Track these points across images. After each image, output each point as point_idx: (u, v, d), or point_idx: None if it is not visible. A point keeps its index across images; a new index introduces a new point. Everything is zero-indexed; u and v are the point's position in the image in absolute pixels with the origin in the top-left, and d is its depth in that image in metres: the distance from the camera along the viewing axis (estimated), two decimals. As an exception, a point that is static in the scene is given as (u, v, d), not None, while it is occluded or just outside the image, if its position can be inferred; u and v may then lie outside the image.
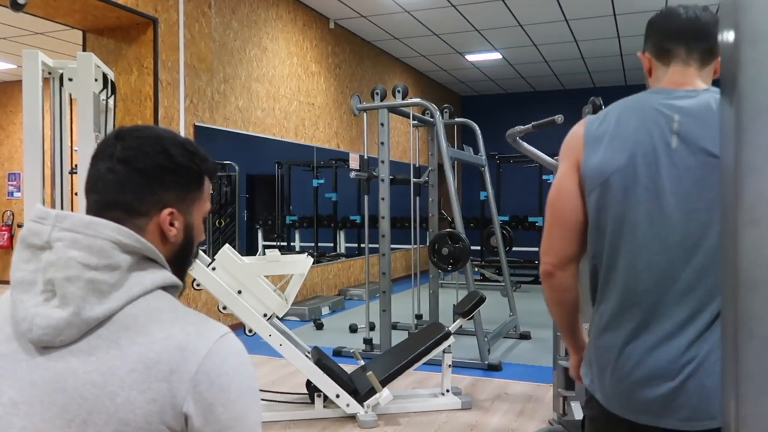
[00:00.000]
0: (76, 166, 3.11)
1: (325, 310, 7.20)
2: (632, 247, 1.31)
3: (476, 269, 9.22)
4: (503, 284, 6.56)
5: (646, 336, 1.28)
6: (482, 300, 3.93)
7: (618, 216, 1.32)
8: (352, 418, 3.67)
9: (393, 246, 5.19)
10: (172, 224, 0.95)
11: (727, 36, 0.67)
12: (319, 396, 3.69)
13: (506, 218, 9.67)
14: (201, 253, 3.79)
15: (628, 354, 1.29)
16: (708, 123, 1.28)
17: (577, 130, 1.42)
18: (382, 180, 5.05)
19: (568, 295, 1.44)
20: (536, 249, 10.01)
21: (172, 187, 0.95)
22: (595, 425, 1.39)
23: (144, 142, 0.94)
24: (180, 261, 1.00)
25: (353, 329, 6.21)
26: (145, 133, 0.96)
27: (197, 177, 0.98)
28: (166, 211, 0.94)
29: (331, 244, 8.87)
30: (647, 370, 1.27)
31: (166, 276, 0.94)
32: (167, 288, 0.94)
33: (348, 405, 3.62)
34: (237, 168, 6.80)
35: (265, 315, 3.54)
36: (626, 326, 1.31)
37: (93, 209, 0.93)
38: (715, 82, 1.05)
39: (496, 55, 10.11)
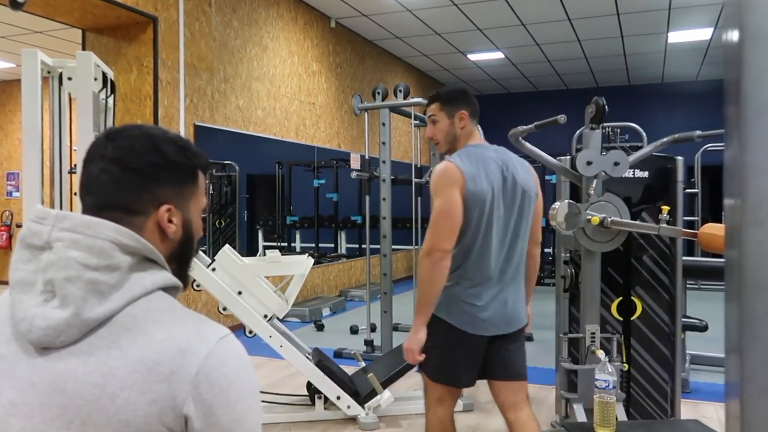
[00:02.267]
0: (75, 165, 3.11)
1: (325, 311, 7.20)
2: (490, 242, 2.22)
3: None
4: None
5: (490, 290, 2.25)
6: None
7: (487, 224, 2.21)
8: (353, 419, 3.66)
9: (394, 247, 5.19)
10: (170, 221, 0.95)
11: (731, 36, 0.66)
12: (319, 398, 3.69)
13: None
14: (201, 253, 3.78)
15: (486, 298, 2.24)
16: (508, 162, 2.28)
17: (454, 168, 2.19)
18: (384, 180, 5.05)
19: (446, 273, 2.19)
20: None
21: (167, 183, 0.94)
22: (454, 344, 2.26)
23: (135, 141, 0.94)
24: (181, 258, 0.99)
25: (354, 330, 6.21)
26: (135, 132, 0.95)
27: (191, 172, 0.98)
28: (164, 207, 0.94)
29: (332, 245, 8.87)
30: (495, 306, 2.25)
31: (167, 277, 0.93)
32: (167, 289, 0.93)
33: (349, 407, 3.62)
34: (237, 168, 6.80)
35: (265, 316, 3.53)
36: (483, 287, 2.24)
37: (90, 211, 0.92)
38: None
39: (499, 55, 10.10)
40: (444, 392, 2.35)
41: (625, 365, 3.01)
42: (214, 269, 3.48)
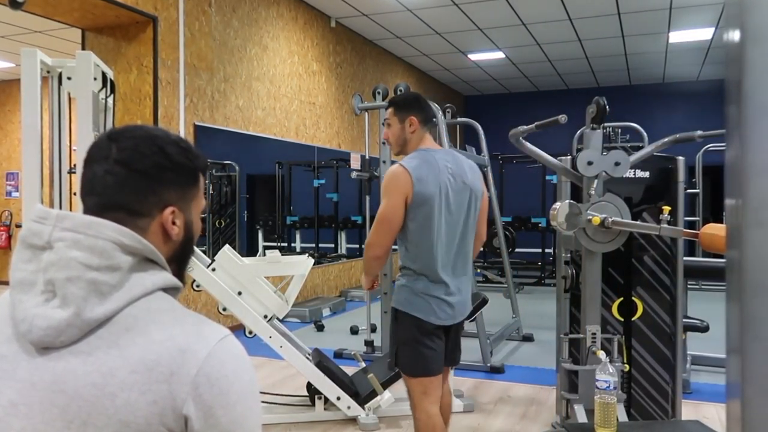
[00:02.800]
0: (74, 165, 3.11)
1: (325, 312, 7.19)
2: (443, 238, 2.43)
3: (478, 270, 9.21)
4: (506, 286, 6.55)
5: (449, 283, 2.45)
6: (485, 302, 3.92)
7: (436, 221, 2.41)
8: (353, 420, 3.66)
9: (394, 247, 5.17)
10: (174, 223, 0.95)
11: (732, 36, 0.66)
12: (319, 398, 3.68)
13: (509, 219, 9.66)
14: (201, 253, 3.78)
15: (446, 291, 2.45)
16: (457, 165, 2.50)
17: (403, 172, 2.38)
18: (384, 180, 5.04)
19: (384, 263, 2.58)
20: (539, 250, 10.00)
21: (172, 185, 0.95)
22: (415, 331, 2.45)
23: (139, 142, 0.93)
24: (181, 258, 1.00)
25: (354, 331, 6.20)
26: (138, 133, 0.95)
27: (193, 173, 0.98)
28: (169, 210, 0.94)
29: (332, 245, 8.87)
30: (454, 298, 2.48)
31: (167, 277, 0.93)
32: (167, 290, 0.93)
33: (349, 407, 3.62)
34: (237, 168, 6.80)
35: (265, 316, 3.53)
36: (443, 281, 2.44)
37: (92, 211, 0.92)
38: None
39: (499, 55, 10.10)
40: (425, 383, 2.49)
41: (626, 366, 3.01)
42: (214, 269, 3.48)
